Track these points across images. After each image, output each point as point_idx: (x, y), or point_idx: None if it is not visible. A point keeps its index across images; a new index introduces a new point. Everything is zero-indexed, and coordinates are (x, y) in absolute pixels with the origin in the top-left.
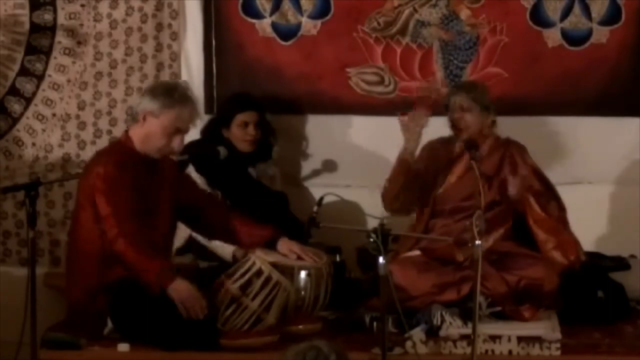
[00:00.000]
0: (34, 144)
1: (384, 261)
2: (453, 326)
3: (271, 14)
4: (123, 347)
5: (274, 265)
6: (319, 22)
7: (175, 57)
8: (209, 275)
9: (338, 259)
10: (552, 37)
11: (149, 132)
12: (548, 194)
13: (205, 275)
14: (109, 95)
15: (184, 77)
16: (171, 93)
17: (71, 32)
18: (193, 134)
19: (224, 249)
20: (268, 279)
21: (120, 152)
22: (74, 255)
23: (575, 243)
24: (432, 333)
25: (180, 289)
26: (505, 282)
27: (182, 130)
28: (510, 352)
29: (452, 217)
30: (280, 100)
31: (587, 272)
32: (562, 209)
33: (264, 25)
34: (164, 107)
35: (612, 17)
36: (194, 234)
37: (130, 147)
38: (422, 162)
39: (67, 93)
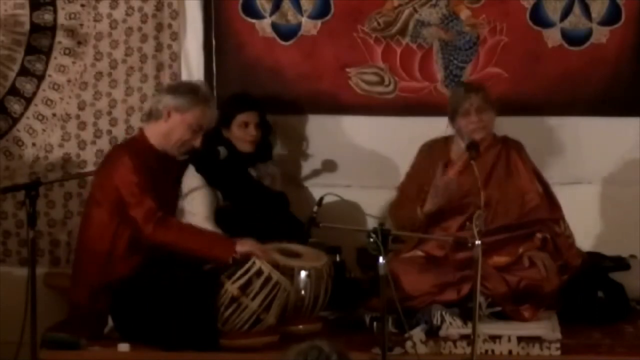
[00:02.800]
0: (34, 144)
1: (384, 261)
2: (453, 326)
3: (271, 14)
4: (123, 347)
5: (274, 265)
6: (319, 22)
7: (175, 57)
8: (209, 276)
9: (338, 259)
10: (552, 37)
11: (173, 128)
12: (546, 196)
13: (206, 275)
14: (109, 95)
15: (184, 77)
16: (196, 91)
17: (71, 32)
18: None
19: None
20: (268, 279)
21: (138, 148)
22: (81, 253)
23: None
24: (432, 333)
25: (247, 242)
26: (505, 282)
27: (203, 129)
28: (510, 352)
29: (452, 218)
30: (280, 100)
31: (587, 272)
32: (557, 208)
33: (264, 25)
34: (191, 104)
35: (612, 17)
36: None
37: (148, 144)
38: (419, 167)
39: (67, 93)
